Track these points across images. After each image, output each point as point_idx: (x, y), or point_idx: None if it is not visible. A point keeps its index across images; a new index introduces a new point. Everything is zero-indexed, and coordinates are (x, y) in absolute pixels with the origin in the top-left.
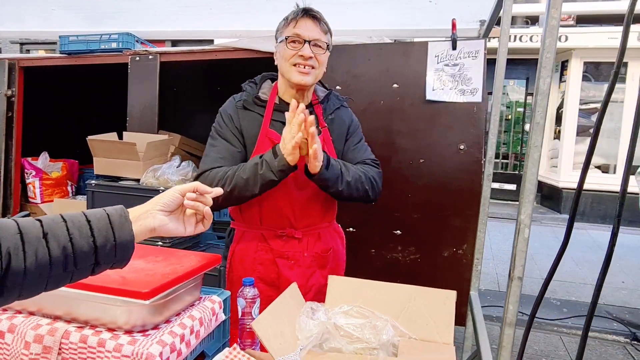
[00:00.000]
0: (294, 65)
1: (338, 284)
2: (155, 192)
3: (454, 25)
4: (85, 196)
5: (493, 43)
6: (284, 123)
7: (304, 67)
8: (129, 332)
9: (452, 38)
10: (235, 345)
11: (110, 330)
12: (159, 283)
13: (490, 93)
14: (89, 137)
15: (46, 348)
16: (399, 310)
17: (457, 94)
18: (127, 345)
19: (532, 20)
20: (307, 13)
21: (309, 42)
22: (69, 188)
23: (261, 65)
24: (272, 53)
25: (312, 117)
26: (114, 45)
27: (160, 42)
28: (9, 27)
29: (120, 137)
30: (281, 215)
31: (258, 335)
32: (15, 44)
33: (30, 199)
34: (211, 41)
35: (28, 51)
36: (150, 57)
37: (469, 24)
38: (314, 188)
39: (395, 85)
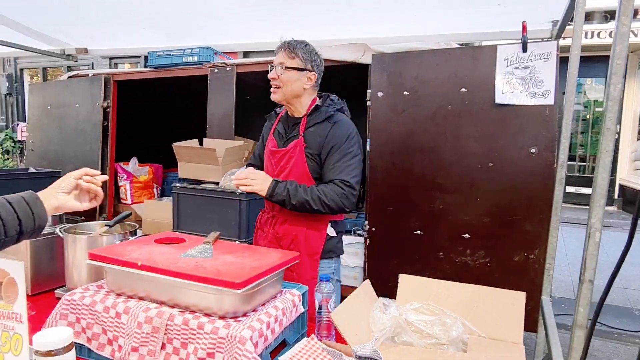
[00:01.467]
0: None
1: (409, 282)
2: (232, 194)
3: (524, 28)
4: (171, 198)
5: (567, 40)
6: (278, 131)
7: (272, 87)
8: (222, 317)
9: (523, 40)
10: (312, 335)
11: (207, 315)
12: (249, 275)
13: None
14: (175, 144)
15: (155, 328)
16: (467, 309)
17: (527, 97)
18: (222, 328)
19: (612, 15)
20: (282, 45)
21: (274, 66)
22: (155, 190)
23: (331, 74)
24: (344, 62)
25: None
26: (195, 58)
27: (233, 53)
28: (104, 45)
29: (201, 143)
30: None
31: (336, 326)
32: (105, 58)
33: (122, 200)
34: None
35: (116, 65)
36: (227, 69)
37: (540, 25)
38: None
39: (463, 90)
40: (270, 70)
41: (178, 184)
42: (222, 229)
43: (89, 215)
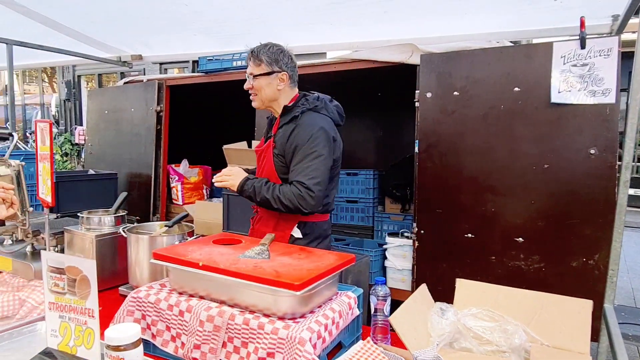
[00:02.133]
0: None
1: (466, 287)
2: None
3: (582, 24)
4: (219, 198)
5: (626, 35)
6: (266, 131)
7: (251, 95)
8: (281, 318)
9: (581, 37)
10: (368, 338)
11: (266, 315)
12: (307, 277)
13: (623, 90)
14: (225, 147)
15: (216, 327)
16: (529, 317)
17: (586, 95)
18: (282, 329)
19: None
20: (248, 55)
21: (247, 77)
22: (204, 191)
23: (378, 75)
24: (391, 63)
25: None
26: (244, 62)
27: None
28: (158, 52)
29: (249, 145)
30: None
31: (395, 329)
32: (156, 64)
33: (174, 201)
34: (323, 54)
35: (166, 70)
36: None
37: (600, 19)
38: None
39: (516, 89)
40: (247, 81)
41: None
42: None
43: (143, 215)
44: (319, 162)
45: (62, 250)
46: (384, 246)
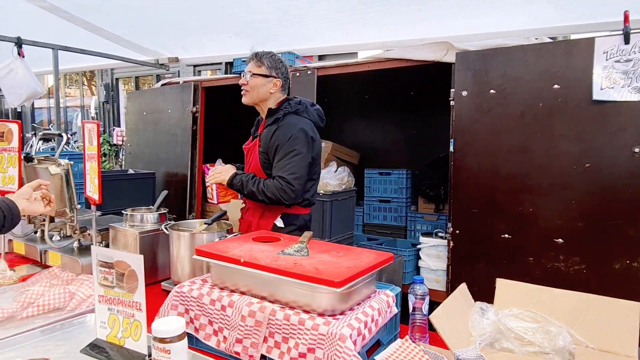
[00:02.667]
0: None
1: (507, 287)
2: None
3: (626, 18)
4: None
5: None
6: (253, 130)
7: (242, 92)
8: (321, 314)
9: (625, 32)
10: (407, 337)
11: (306, 311)
12: (347, 275)
13: None
14: None
15: (257, 322)
16: (574, 318)
17: (630, 92)
18: (322, 325)
19: None
20: (251, 56)
21: (244, 74)
22: None
23: (412, 74)
24: (426, 61)
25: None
26: None
27: (309, 56)
28: (193, 54)
29: None
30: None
31: (436, 328)
32: (190, 66)
33: (209, 200)
34: (354, 54)
35: (199, 72)
36: (308, 72)
37: None
38: None
39: (556, 86)
40: (242, 77)
41: None
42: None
43: (180, 213)
44: (299, 159)
45: (107, 246)
46: (418, 246)
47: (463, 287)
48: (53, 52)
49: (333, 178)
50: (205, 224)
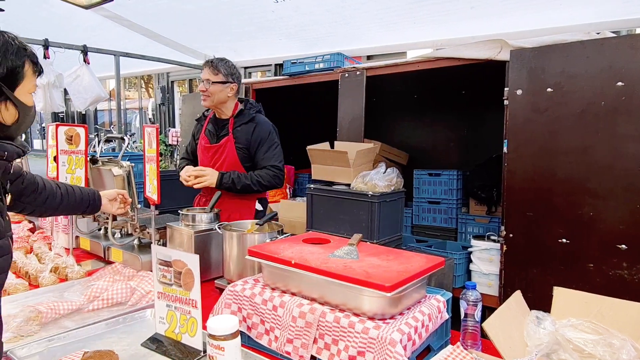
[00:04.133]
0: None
1: (565, 296)
2: (364, 195)
3: None
4: (301, 197)
5: None
6: (209, 130)
7: (203, 97)
8: (371, 318)
9: None
10: (458, 343)
11: (356, 314)
12: (398, 279)
13: None
14: (309, 147)
15: (308, 323)
16: (638, 331)
17: None
18: (372, 329)
19: None
20: (206, 64)
21: (203, 81)
22: (287, 190)
23: (462, 73)
24: (476, 60)
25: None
26: (326, 64)
27: (357, 57)
28: (245, 57)
29: (332, 146)
30: None
31: (489, 336)
32: (240, 68)
33: None
34: (402, 54)
35: (250, 74)
36: (357, 73)
37: None
38: None
39: (619, 84)
40: (201, 84)
41: (312, 185)
42: (353, 229)
43: None
44: (279, 150)
45: (164, 244)
46: (469, 249)
47: (518, 295)
48: (115, 58)
49: (382, 179)
50: (256, 224)
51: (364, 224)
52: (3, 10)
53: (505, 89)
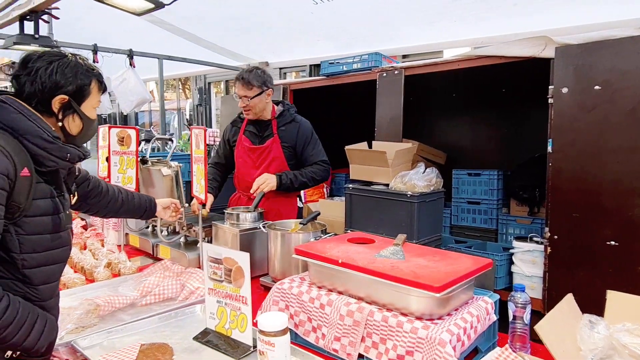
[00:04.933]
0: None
1: (619, 300)
2: (403, 195)
3: None
4: (338, 197)
5: None
6: (250, 132)
7: (244, 111)
8: (419, 318)
9: None
10: (506, 345)
11: (404, 314)
12: (447, 280)
13: None
14: (347, 147)
15: (355, 322)
16: None
17: None
18: (421, 329)
19: None
20: (237, 79)
21: (240, 97)
22: (324, 190)
23: (504, 70)
24: (519, 57)
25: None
26: (363, 64)
27: (393, 56)
28: (283, 58)
29: (370, 145)
30: None
31: (542, 339)
32: (276, 69)
33: None
34: (438, 53)
35: (285, 75)
36: (396, 72)
37: None
38: None
39: None
40: (240, 99)
41: (350, 185)
42: (392, 229)
43: None
44: (321, 145)
45: (210, 242)
46: (511, 250)
47: (570, 298)
48: (158, 61)
49: (421, 179)
50: (300, 224)
51: (403, 224)
52: (58, 19)
53: (550, 87)
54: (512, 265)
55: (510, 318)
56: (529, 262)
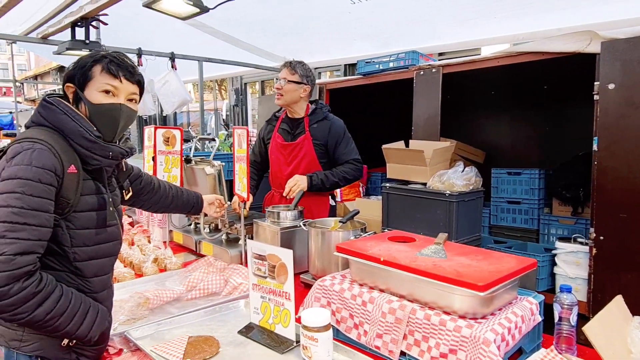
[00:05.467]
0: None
1: None
2: (442, 195)
3: None
4: (374, 196)
5: None
6: (283, 129)
7: (277, 95)
8: (462, 317)
9: None
10: (552, 347)
11: (446, 313)
12: (491, 279)
13: None
14: (384, 146)
15: (398, 319)
16: None
17: None
18: (465, 328)
19: None
20: (285, 64)
21: (279, 79)
22: (360, 189)
23: (545, 67)
24: (562, 53)
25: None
26: (401, 63)
27: (429, 54)
28: (318, 58)
29: (406, 144)
30: None
31: (591, 341)
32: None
33: None
34: (475, 50)
35: (320, 74)
36: (433, 70)
37: None
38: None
39: None
40: (277, 82)
41: (387, 184)
42: (430, 229)
43: None
44: (354, 144)
45: (251, 239)
46: (553, 251)
47: (619, 300)
48: (198, 63)
49: (460, 178)
50: (340, 222)
51: (442, 224)
52: (106, 24)
53: (596, 83)
54: (555, 266)
55: (556, 319)
56: (572, 264)
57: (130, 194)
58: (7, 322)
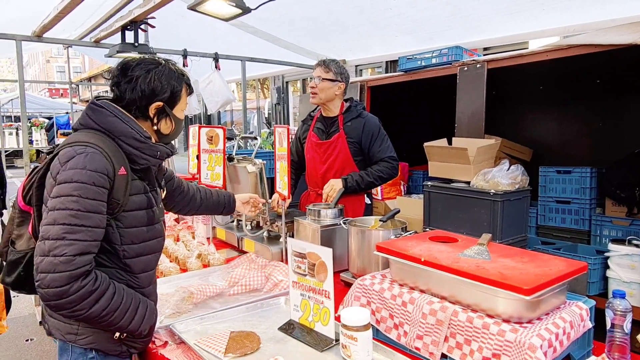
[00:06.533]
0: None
1: None
2: (485, 194)
3: None
4: (415, 195)
5: None
6: (318, 128)
7: (312, 93)
8: (506, 320)
9: None
10: (603, 355)
11: (489, 316)
12: (537, 282)
13: None
14: (426, 144)
15: (439, 321)
16: None
17: None
18: (509, 332)
19: None
20: (319, 63)
21: (313, 78)
22: (401, 187)
23: (596, 60)
24: (616, 45)
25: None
26: (444, 59)
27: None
28: (359, 55)
29: (449, 142)
30: None
31: None
32: (352, 66)
33: (374, 196)
34: (522, 44)
35: (361, 71)
36: (477, 66)
37: None
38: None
39: None
40: (312, 81)
41: (429, 182)
42: (473, 228)
43: None
44: (389, 141)
45: (291, 237)
46: (606, 254)
47: None
48: (241, 63)
49: (505, 177)
50: (380, 220)
51: (485, 224)
52: (154, 27)
53: None
54: (608, 269)
55: (608, 326)
56: (627, 267)
57: (165, 192)
58: (66, 318)
